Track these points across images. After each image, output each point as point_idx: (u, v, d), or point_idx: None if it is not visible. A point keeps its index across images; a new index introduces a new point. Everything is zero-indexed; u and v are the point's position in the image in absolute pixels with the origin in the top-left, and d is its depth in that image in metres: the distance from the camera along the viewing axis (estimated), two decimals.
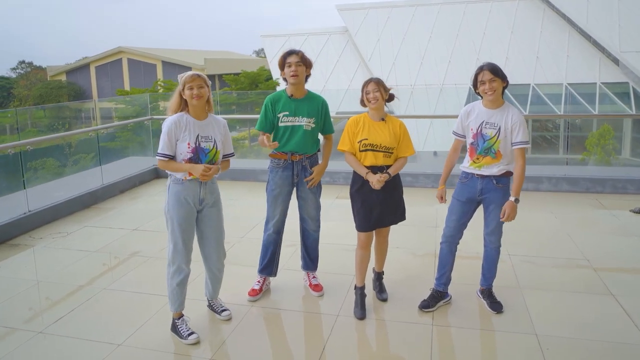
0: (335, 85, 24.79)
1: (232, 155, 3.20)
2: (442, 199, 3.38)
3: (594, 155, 16.04)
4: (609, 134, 16.68)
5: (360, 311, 3.29)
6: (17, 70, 49.62)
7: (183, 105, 2.99)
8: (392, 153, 3.22)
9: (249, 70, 28.11)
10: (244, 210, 5.68)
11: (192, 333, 3.03)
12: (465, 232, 3.38)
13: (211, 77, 35.72)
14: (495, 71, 3.04)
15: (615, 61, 23.04)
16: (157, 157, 2.98)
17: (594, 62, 23.37)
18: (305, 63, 3.34)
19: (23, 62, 50.66)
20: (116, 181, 6.55)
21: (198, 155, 2.96)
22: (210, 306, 3.37)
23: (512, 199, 3.13)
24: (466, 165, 3.27)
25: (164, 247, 3.24)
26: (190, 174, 2.95)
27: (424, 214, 5.35)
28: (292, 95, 3.38)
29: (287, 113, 3.37)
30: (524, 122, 3.10)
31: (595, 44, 24.02)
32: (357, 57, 27.91)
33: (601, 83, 22.05)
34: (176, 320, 3.11)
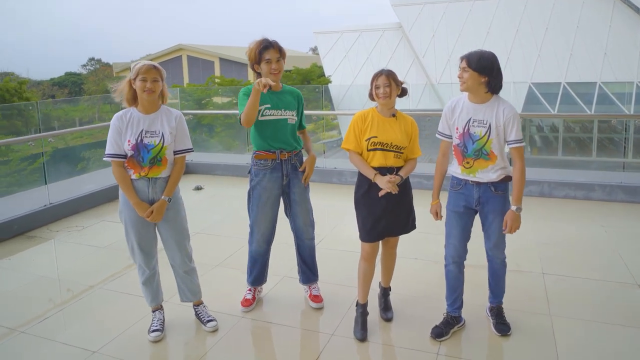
0: None
1: (189, 150, 2.90)
2: (437, 215, 2.95)
3: None
4: None
5: (361, 331, 2.92)
6: (87, 67, 52.30)
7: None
8: (402, 153, 2.84)
9: (302, 67, 28.05)
10: None
11: (156, 330, 2.95)
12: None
13: None
14: (470, 61, 2.64)
15: None
16: (106, 159, 2.77)
17: None
18: (284, 56, 3.01)
19: (92, 59, 53.35)
20: None
21: (139, 152, 2.75)
22: (197, 315, 3.13)
23: (513, 208, 2.70)
24: (457, 171, 2.83)
25: None
26: (135, 172, 2.78)
27: None
28: (270, 88, 3.05)
29: (269, 106, 3.01)
30: (518, 117, 2.66)
31: None
32: (411, 53, 27.12)
33: None
34: (151, 313, 3.07)
